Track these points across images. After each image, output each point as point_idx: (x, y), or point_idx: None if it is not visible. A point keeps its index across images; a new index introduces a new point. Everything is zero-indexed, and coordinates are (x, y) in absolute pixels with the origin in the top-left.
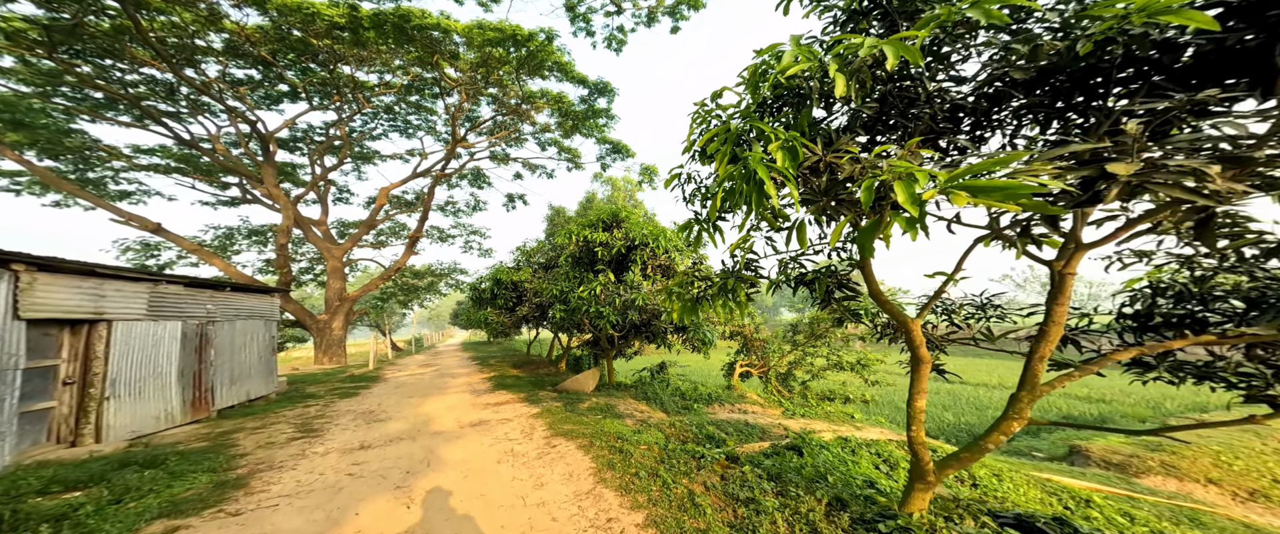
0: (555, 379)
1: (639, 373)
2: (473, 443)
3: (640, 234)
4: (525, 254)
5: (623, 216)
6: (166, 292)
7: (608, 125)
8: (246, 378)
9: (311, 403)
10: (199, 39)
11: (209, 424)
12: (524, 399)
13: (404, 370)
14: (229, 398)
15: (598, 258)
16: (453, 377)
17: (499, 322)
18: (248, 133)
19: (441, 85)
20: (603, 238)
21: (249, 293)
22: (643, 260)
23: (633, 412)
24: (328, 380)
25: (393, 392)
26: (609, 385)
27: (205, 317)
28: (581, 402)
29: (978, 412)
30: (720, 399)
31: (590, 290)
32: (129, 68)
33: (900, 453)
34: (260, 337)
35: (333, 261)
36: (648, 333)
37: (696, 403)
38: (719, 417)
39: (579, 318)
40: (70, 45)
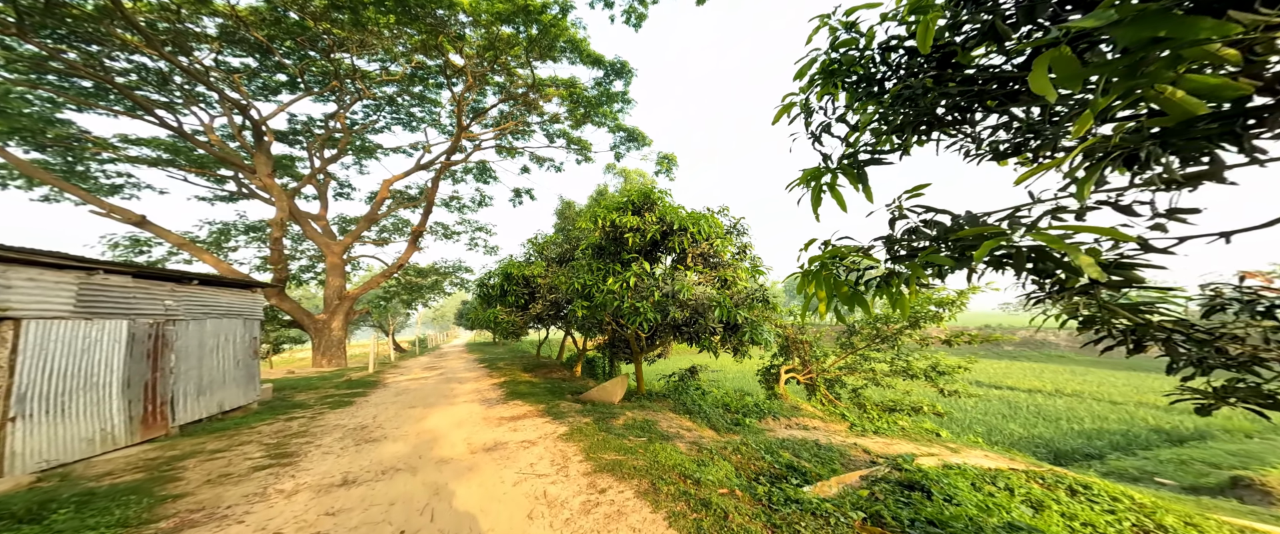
0: (574, 386)
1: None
2: (490, 479)
3: (678, 217)
4: (537, 247)
5: (655, 198)
6: (105, 283)
7: (623, 111)
8: (219, 386)
9: (297, 415)
10: (191, 24)
11: (162, 445)
12: (544, 412)
13: (406, 374)
14: (195, 410)
15: (624, 246)
16: (459, 382)
17: (509, 321)
18: (242, 123)
19: (446, 73)
20: (633, 222)
21: (224, 287)
22: (680, 247)
23: (678, 430)
24: (322, 386)
25: (392, 401)
26: (639, 394)
27: (163, 314)
28: (614, 417)
29: (1049, 423)
30: (771, 411)
31: (623, 282)
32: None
33: (1038, 489)
34: (237, 338)
35: (332, 258)
36: (690, 333)
37: (746, 416)
38: (779, 435)
39: (604, 315)
40: (50, 27)
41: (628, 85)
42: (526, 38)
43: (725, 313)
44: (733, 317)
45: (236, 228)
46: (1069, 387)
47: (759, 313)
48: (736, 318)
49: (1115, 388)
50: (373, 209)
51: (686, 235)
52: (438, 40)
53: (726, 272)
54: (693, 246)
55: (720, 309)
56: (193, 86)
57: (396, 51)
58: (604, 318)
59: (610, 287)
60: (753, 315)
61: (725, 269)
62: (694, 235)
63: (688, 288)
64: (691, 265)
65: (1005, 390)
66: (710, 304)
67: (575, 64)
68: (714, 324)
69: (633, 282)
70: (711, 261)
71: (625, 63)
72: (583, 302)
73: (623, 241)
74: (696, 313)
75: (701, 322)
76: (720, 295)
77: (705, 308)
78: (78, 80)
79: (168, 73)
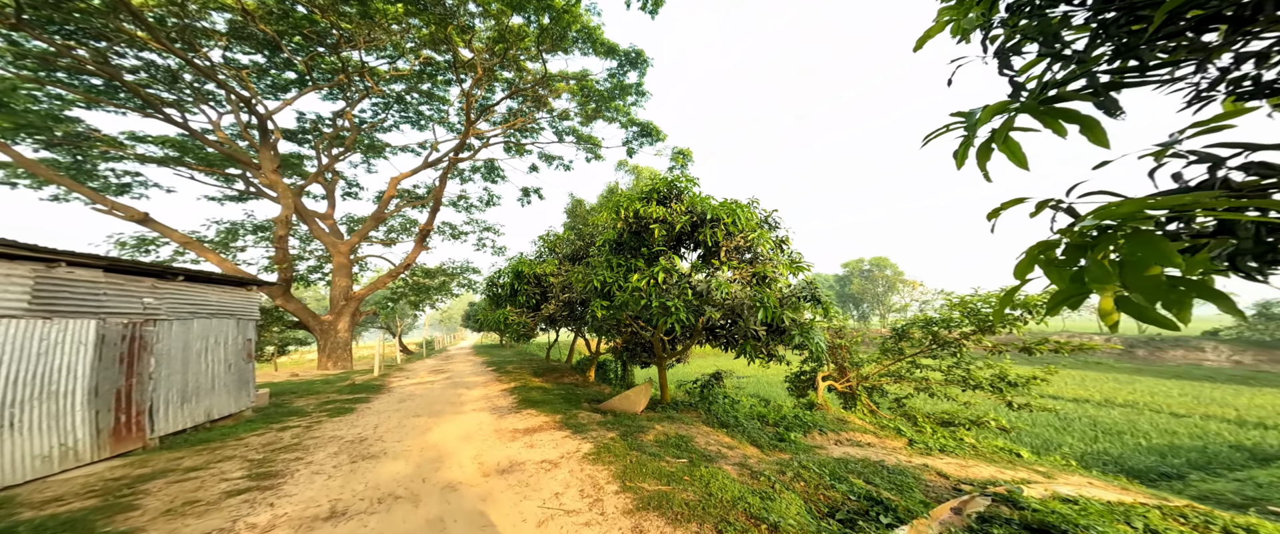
0: (590, 393)
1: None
2: (507, 515)
3: (710, 208)
4: (549, 244)
5: (682, 187)
6: (69, 278)
7: (637, 104)
8: (207, 393)
9: (292, 424)
10: (200, 20)
11: (134, 461)
12: (562, 423)
13: (412, 378)
14: (179, 420)
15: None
16: (467, 387)
17: (520, 323)
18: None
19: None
20: (660, 213)
21: (214, 285)
22: (712, 241)
23: (719, 448)
24: (323, 390)
25: (396, 408)
26: (663, 403)
27: (141, 314)
28: (642, 431)
29: (1111, 438)
30: (816, 425)
31: (650, 278)
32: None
33: (1176, 527)
34: (229, 340)
35: (339, 257)
36: (726, 336)
37: (789, 430)
38: (832, 452)
39: (625, 316)
40: (55, 21)
41: (642, 76)
42: (538, 28)
43: (770, 314)
44: (778, 318)
45: (244, 227)
46: (1119, 396)
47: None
48: (782, 320)
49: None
50: (380, 208)
51: (719, 227)
52: (446, 32)
53: (765, 267)
54: (727, 240)
55: (764, 310)
56: (202, 84)
57: (405, 47)
58: (625, 319)
59: (635, 284)
60: (799, 317)
61: (763, 264)
62: (728, 227)
63: (725, 285)
64: (725, 261)
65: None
66: (751, 304)
67: (587, 55)
68: (755, 327)
69: (661, 278)
70: (747, 256)
71: (640, 52)
72: (602, 301)
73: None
74: (734, 314)
75: (740, 324)
76: (762, 294)
77: (744, 308)
78: (87, 77)
79: (177, 70)
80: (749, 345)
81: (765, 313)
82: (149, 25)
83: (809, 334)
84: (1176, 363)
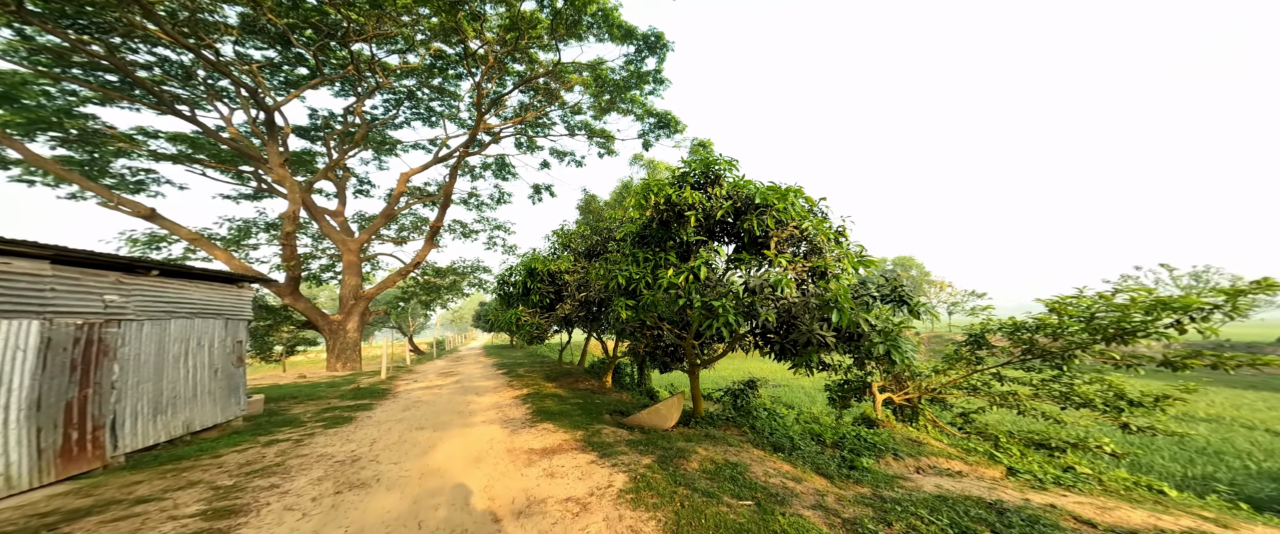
0: (610, 402)
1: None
2: None
3: (758, 192)
4: (563, 239)
5: (721, 169)
6: (4, 270)
7: (655, 92)
8: (187, 402)
9: (281, 436)
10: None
11: (84, 486)
12: (584, 442)
13: (420, 381)
14: (151, 434)
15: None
16: (477, 393)
17: (533, 323)
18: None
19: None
20: (695, 199)
21: (197, 280)
22: (760, 230)
23: (782, 481)
24: (325, 395)
25: (398, 417)
26: (694, 416)
27: (101, 313)
28: (682, 456)
29: (1209, 459)
30: (885, 446)
31: (689, 274)
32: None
33: None
34: (216, 342)
35: (349, 256)
36: (781, 342)
37: (855, 453)
38: (924, 486)
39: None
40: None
41: (661, 62)
42: (551, 12)
43: (847, 318)
44: (854, 323)
45: (256, 225)
46: (1199, 410)
47: (888, 318)
48: (859, 324)
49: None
50: (390, 204)
51: (769, 214)
52: (456, 19)
53: (827, 261)
54: (778, 229)
55: (839, 313)
56: (216, 80)
57: (415, 39)
58: (651, 321)
59: (670, 280)
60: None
61: (824, 258)
62: (778, 214)
63: (785, 283)
64: (776, 253)
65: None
66: (818, 304)
67: (603, 40)
68: (822, 333)
69: (703, 274)
70: (801, 248)
71: (660, 35)
72: (626, 301)
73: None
74: (790, 316)
75: (800, 328)
76: (834, 293)
77: (805, 310)
78: (101, 73)
79: (190, 66)
80: (812, 354)
81: (841, 316)
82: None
83: (897, 344)
84: None
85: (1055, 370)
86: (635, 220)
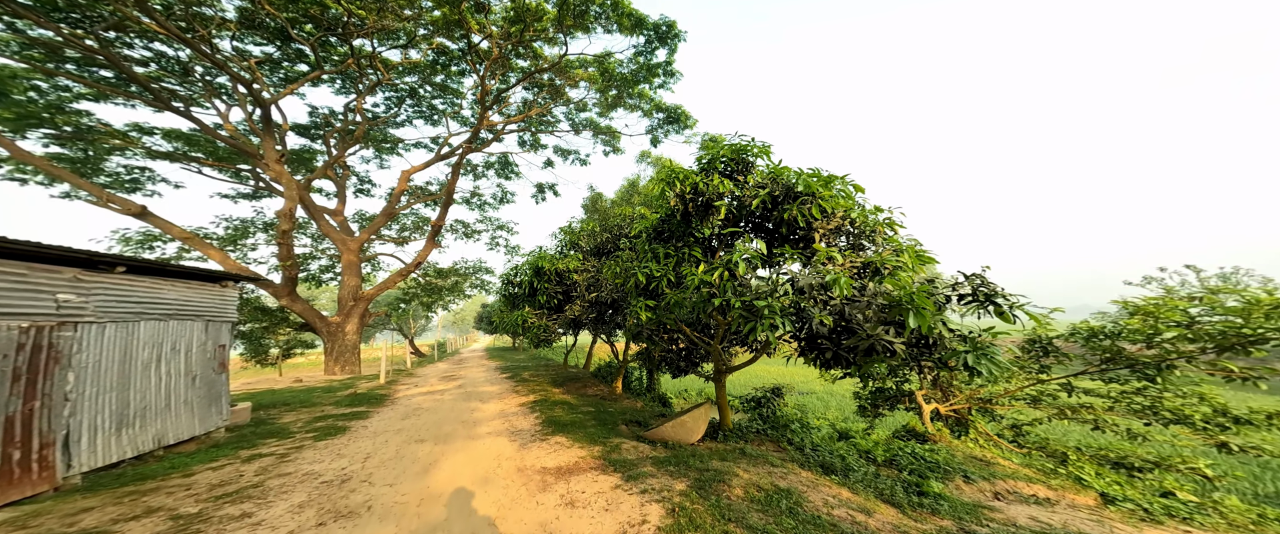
0: (624, 410)
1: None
2: None
3: (800, 178)
4: (571, 236)
5: (754, 156)
6: None
7: (665, 86)
8: (159, 413)
9: (265, 450)
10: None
11: (25, 513)
12: (604, 460)
13: (420, 385)
14: (113, 450)
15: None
16: (481, 400)
17: (540, 326)
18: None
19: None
20: (726, 188)
21: (172, 278)
22: (803, 221)
23: (848, 512)
24: (320, 401)
25: (397, 427)
26: (723, 429)
27: (52, 314)
28: (720, 479)
29: None
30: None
31: (724, 269)
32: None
33: None
34: (194, 347)
35: (348, 255)
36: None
37: (917, 475)
38: (1013, 517)
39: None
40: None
41: (672, 53)
42: (557, 2)
43: (929, 323)
44: (932, 328)
45: (254, 225)
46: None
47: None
48: (936, 330)
49: None
50: (391, 202)
51: (813, 204)
52: (459, 11)
53: (882, 256)
54: (823, 220)
55: (917, 316)
56: (214, 77)
57: (417, 34)
58: (671, 322)
59: (701, 277)
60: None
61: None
62: (823, 203)
63: (842, 282)
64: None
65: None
66: (886, 305)
67: (611, 31)
68: (887, 340)
69: (742, 270)
70: (854, 241)
71: (672, 24)
72: (646, 301)
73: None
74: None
75: (859, 333)
76: (905, 292)
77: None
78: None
79: (187, 62)
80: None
81: (921, 320)
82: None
83: (988, 355)
84: None
85: (1143, 382)
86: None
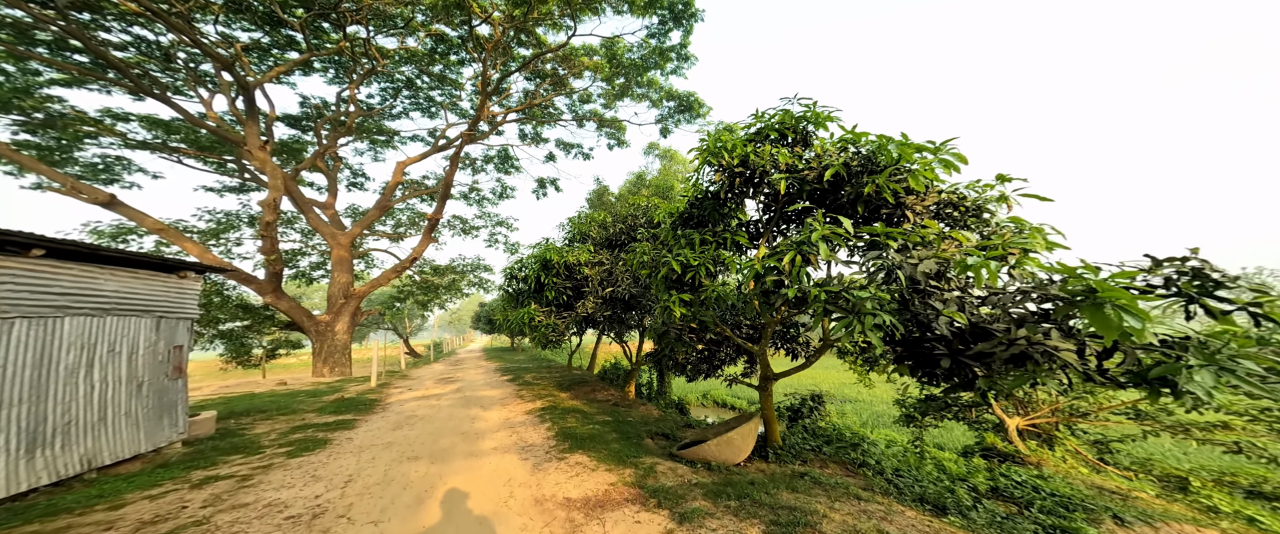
0: (642, 419)
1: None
2: None
3: (880, 145)
4: (580, 227)
5: (818, 123)
6: None
7: (678, 71)
8: (89, 429)
9: (224, 470)
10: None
11: None
12: (638, 487)
13: (415, 390)
14: (24, 476)
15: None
16: (482, 406)
17: (548, 324)
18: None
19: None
20: (786, 159)
21: (112, 266)
22: (891, 196)
23: None
24: (301, 407)
25: (387, 440)
26: (771, 444)
27: None
28: (806, 523)
29: None
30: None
31: (797, 252)
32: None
33: None
34: (140, 348)
35: (339, 250)
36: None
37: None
38: None
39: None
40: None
41: (688, 34)
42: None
43: (1146, 330)
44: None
45: (239, 218)
46: None
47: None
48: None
49: None
50: (385, 195)
51: (906, 176)
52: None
53: (1005, 237)
54: (915, 196)
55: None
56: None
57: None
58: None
59: (767, 264)
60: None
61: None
62: (923, 174)
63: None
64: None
65: None
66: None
67: (621, 13)
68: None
69: (824, 253)
70: (958, 221)
71: (690, 2)
72: (681, 294)
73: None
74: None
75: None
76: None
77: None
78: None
79: (169, 48)
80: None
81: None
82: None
83: (1229, 369)
84: None
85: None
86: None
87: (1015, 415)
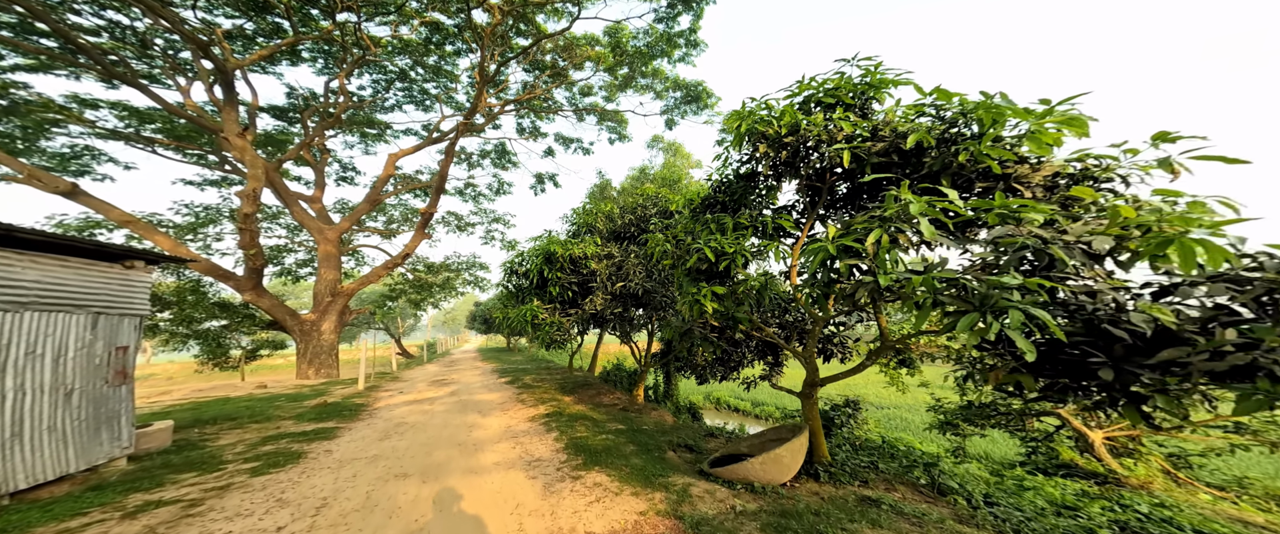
0: (659, 427)
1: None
2: None
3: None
4: (585, 218)
5: (882, 88)
6: None
7: (686, 58)
8: (1, 447)
9: (166, 496)
10: None
11: None
12: (674, 517)
13: (406, 393)
14: None
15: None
16: (480, 412)
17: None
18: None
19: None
20: (849, 127)
21: (32, 251)
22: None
23: None
24: (277, 414)
25: (372, 453)
26: (818, 460)
27: None
28: None
29: None
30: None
31: (881, 236)
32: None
33: None
34: (71, 351)
35: (325, 246)
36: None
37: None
38: None
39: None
40: None
41: (697, 20)
42: None
43: None
44: None
45: (220, 212)
46: None
47: None
48: None
49: None
50: (376, 188)
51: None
52: None
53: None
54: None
55: None
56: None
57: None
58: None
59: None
60: None
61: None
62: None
63: (1205, 253)
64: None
65: None
66: None
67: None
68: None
69: (927, 229)
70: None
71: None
72: (712, 287)
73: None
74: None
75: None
76: None
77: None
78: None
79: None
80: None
81: None
82: None
83: None
84: None
85: None
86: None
87: (1095, 428)
